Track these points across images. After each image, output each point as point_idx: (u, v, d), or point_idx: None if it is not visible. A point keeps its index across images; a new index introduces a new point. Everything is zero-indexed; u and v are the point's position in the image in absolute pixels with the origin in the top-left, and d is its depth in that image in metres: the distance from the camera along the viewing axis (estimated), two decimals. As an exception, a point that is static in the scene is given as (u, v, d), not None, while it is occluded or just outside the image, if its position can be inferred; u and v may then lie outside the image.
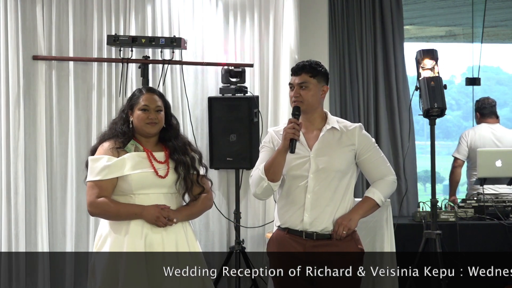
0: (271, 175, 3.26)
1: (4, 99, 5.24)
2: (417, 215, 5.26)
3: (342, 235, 3.30)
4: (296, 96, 3.33)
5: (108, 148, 3.33)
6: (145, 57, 5.37)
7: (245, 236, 5.53)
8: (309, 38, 6.09)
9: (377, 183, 3.45)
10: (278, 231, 3.41)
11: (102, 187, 3.29)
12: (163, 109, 3.38)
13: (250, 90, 5.52)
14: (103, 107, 5.44)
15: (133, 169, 3.28)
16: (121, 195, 3.32)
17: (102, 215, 3.35)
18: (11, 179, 5.23)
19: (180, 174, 3.33)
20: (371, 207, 3.43)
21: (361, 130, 3.46)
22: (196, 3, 5.67)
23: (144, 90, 3.43)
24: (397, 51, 6.51)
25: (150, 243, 3.25)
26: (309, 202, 3.30)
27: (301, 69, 3.36)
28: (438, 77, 4.84)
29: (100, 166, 3.29)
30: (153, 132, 3.36)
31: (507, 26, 8.71)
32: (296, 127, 3.23)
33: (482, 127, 6.12)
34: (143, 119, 3.34)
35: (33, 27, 5.32)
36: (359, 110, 6.45)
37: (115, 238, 3.27)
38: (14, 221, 5.23)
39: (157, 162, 3.33)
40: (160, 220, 3.24)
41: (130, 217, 3.25)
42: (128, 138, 3.36)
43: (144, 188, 3.29)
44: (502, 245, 5.15)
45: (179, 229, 3.33)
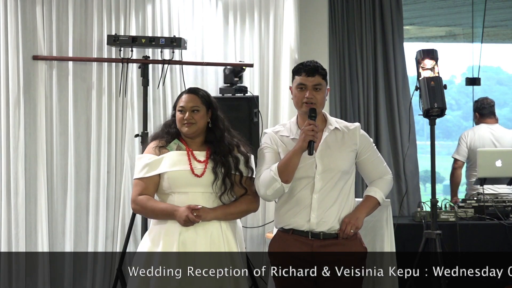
0: (285, 176, 3.25)
1: (4, 99, 5.24)
2: (417, 215, 5.26)
3: (350, 233, 3.31)
4: (311, 98, 3.32)
5: (152, 147, 3.41)
6: (145, 57, 5.37)
7: (245, 236, 5.53)
8: (309, 38, 6.09)
9: (377, 182, 3.47)
10: (280, 232, 3.40)
11: (144, 185, 3.34)
12: (202, 109, 3.39)
13: (250, 90, 5.52)
14: (103, 107, 5.44)
15: (170, 167, 3.33)
16: (163, 193, 3.37)
17: (140, 212, 3.45)
18: (11, 179, 5.23)
19: (219, 175, 3.33)
20: (374, 206, 3.46)
21: (360, 130, 3.47)
22: (196, 3, 5.68)
23: (186, 91, 3.47)
24: (397, 51, 6.51)
25: (183, 241, 3.27)
26: (315, 202, 3.30)
27: (315, 71, 3.33)
28: (438, 77, 4.83)
29: (142, 164, 3.37)
30: (190, 133, 3.38)
31: (507, 26, 8.70)
32: (315, 129, 3.22)
33: (481, 127, 6.11)
34: (180, 120, 3.39)
35: (33, 27, 5.32)
36: (359, 110, 6.45)
37: (154, 235, 3.32)
38: (14, 221, 5.23)
39: (195, 161, 3.35)
40: (189, 222, 3.24)
41: (164, 216, 3.29)
42: (173, 137, 3.41)
43: (181, 186, 3.32)
44: (502, 245, 5.15)
45: (216, 228, 3.32)
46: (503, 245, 5.15)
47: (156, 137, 3.46)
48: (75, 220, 5.38)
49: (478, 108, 6.21)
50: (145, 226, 4.84)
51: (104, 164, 5.44)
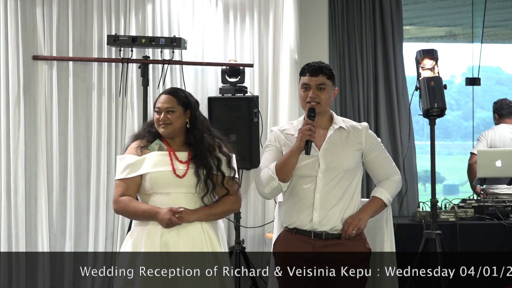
0: (282, 175, 3.27)
1: (4, 99, 5.24)
2: (417, 215, 5.26)
3: (352, 234, 3.31)
4: (314, 97, 3.32)
5: (133, 147, 3.40)
6: (145, 57, 5.37)
7: (245, 236, 5.53)
8: (309, 38, 6.09)
9: (384, 182, 3.46)
10: (285, 232, 3.41)
11: (126, 186, 3.33)
12: (178, 110, 3.38)
13: (250, 90, 5.52)
14: (103, 107, 5.44)
15: (152, 167, 3.32)
16: (145, 194, 3.36)
17: (122, 213, 3.44)
18: (11, 179, 5.23)
19: (201, 177, 3.33)
20: (379, 207, 3.45)
21: (368, 129, 3.46)
22: (196, 3, 5.68)
23: (164, 91, 3.46)
24: (397, 51, 6.52)
25: (166, 242, 3.27)
26: (318, 202, 3.30)
27: (319, 70, 3.34)
28: (438, 77, 4.83)
29: (124, 165, 3.35)
30: (165, 133, 3.38)
31: (507, 26, 8.71)
32: (312, 128, 3.23)
33: (501, 127, 6.13)
34: (156, 121, 3.39)
35: (33, 27, 5.32)
36: (359, 110, 6.46)
37: (135, 237, 3.32)
38: (14, 221, 5.23)
39: (177, 162, 3.35)
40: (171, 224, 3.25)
41: (146, 218, 3.29)
42: (154, 137, 3.40)
43: (163, 187, 3.31)
44: (502, 245, 5.15)
45: (197, 229, 3.32)
46: (503, 245, 5.14)
47: (137, 137, 3.44)
48: (75, 220, 5.38)
49: (497, 109, 6.24)
50: (145, 226, 4.84)
51: (104, 164, 5.44)
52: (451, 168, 15.58)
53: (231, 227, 5.58)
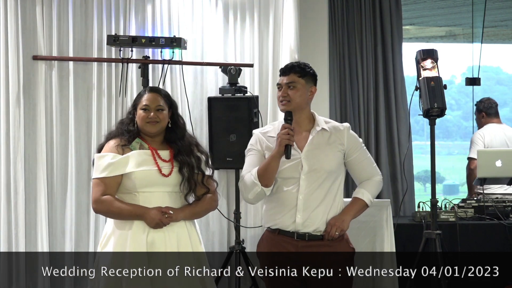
0: (265, 180, 3.27)
1: (4, 99, 5.24)
2: (417, 215, 5.26)
3: (335, 236, 3.32)
4: (284, 96, 3.35)
5: (113, 145, 3.35)
6: (145, 57, 5.37)
7: (245, 236, 5.53)
8: (309, 38, 6.09)
9: (365, 183, 3.47)
10: (268, 232, 3.42)
11: (107, 185, 3.29)
12: (165, 108, 3.38)
13: (250, 90, 5.52)
14: (103, 107, 5.44)
15: (137, 166, 3.30)
16: (126, 193, 3.33)
17: (105, 213, 3.38)
18: (11, 179, 5.23)
19: (184, 175, 3.33)
20: (361, 208, 3.46)
21: (349, 130, 3.47)
22: (196, 3, 5.67)
23: (147, 90, 3.45)
24: (396, 52, 6.53)
25: (152, 241, 3.25)
26: (301, 203, 3.31)
27: (289, 69, 3.37)
28: (438, 77, 4.83)
29: (105, 163, 3.31)
30: (154, 131, 3.37)
31: (507, 26, 8.71)
32: (290, 132, 3.25)
33: (493, 127, 6.12)
34: (143, 118, 3.36)
35: (33, 27, 5.31)
36: (359, 110, 6.46)
37: (118, 236, 3.28)
38: (14, 221, 5.22)
39: (161, 161, 3.34)
40: (160, 225, 3.25)
41: (132, 217, 3.26)
42: (133, 136, 3.38)
43: (147, 186, 3.30)
44: (502, 245, 5.15)
45: (182, 228, 3.33)
46: (503, 245, 5.15)
47: (113, 136, 3.40)
48: (75, 220, 5.37)
49: (485, 108, 6.20)
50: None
51: (104, 164, 5.43)
52: (451, 168, 15.59)
53: (231, 227, 5.58)
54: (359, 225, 4.76)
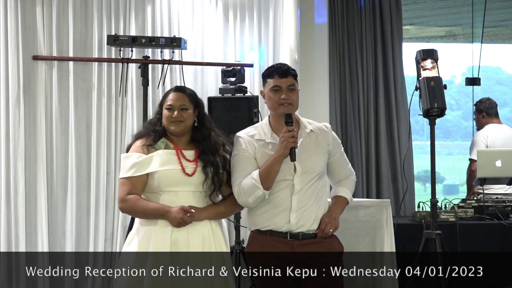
0: (267, 183, 3.27)
1: (4, 99, 5.24)
2: (417, 215, 5.26)
3: (329, 233, 3.34)
4: (287, 99, 3.33)
5: (139, 145, 3.37)
6: (145, 57, 5.37)
7: (245, 236, 5.52)
8: (309, 38, 6.09)
9: (344, 182, 3.52)
10: (256, 234, 3.39)
11: (133, 184, 3.31)
12: (190, 107, 3.38)
13: (250, 90, 5.52)
14: (103, 107, 5.44)
15: (160, 166, 3.31)
16: (151, 193, 3.34)
17: (130, 212, 3.41)
18: (11, 179, 5.23)
19: (208, 174, 3.32)
20: (345, 206, 3.51)
21: (331, 131, 3.49)
22: (196, 3, 5.68)
23: (172, 89, 3.45)
24: (396, 52, 6.53)
25: (176, 240, 3.26)
26: (295, 204, 3.32)
27: (287, 72, 3.36)
28: (438, 77, 4.83)
29: (130, 163, 3.33)
30: (178, 131, 3.37)
31: (507, 26, 8.71)
32: (295, 135, 3.25)
33: (494, 127, 6.10)
34: (168, 118, 3.36)
35: (33, 27, 5.32)
36: (359, 110, 6.46)
37: (142, 235, 3.30)
38: (14, 221, 5.23)
39: (185, 160, 3.34)
40: (182, 224, 3.25)
41: (156, 216, 3.27)
42: (159, 136, 3.38)
43: (171, 185, 3.30)
44: (502, 245, 5.15)
45: (206, 227, 3.32)
46: (503, 245, 5.14)
47: (141, 136, 3.42)
48: (76, 220, 5.38)
49: (486, 108, 6.18)
50: (145, 226, 4.84)
51: (104, 165, 5.44)
52: (451, 168, 15.60)
53: (231, 227, 5.58)
54: (359, 225, 4.76)
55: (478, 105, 6.30)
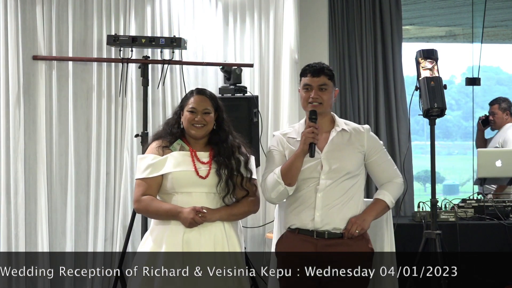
0: (288, 179, 3.29)
1: (4, 99, 5.24)
2: (417, 215, 5.26)
3: (355, 234, 3.33)
4: (316, 98, 3.34)
5: (155, 147, 3.40)
6: (145, 57, 5.37)
7: (245, 236, 5.53)
8: (309, 38, 6.10)
9: (387, 185, 3.49)
10: (288, 232, 3.43)
11: (148, 185, 3.34)
12: (212, 111, 3.40)
13: (250, 90, 5.52)
14: (103, 107, 5.44)
15: (174, 167, 3.33)
16: (166, 194, 3.37)
17: (144, 213, 3.45)
18: (11, 179, 5.23)
19: (222, 176, 3.34)
20: (383, 209, 3.48)
21: (369, 132, 3.49)
22: (196, 3, 5.68)
23: (195, 91, 3.46)
24: (396, 52, 6.53)
25: (188, 241, 3.27)
26: (319, 201, 3.32)
27: (320, 71, 3.37)
28: (438, 77, 4.82)
29: (145, 165, 3.36)
30: (199, 135, 3.38)
31: (507, 26, 8.71)
32: (315, 131, 3.26)
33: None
34: (189, 121, 3.38)
35: (33, 27, 5.31)
36: (359, 110, 6.46)
37: (156, 235, 3.32)
38: (14, 221, 5.23)
39: (199, 162, 3.36)
40: (194, 224, 3.26)
41: (169, 217, 3.30)
42: (176, 137, 3.40)
43: (185, 186, 3.32)
44: (502, 245, 5.15)
45: (219, 228, 3.33)
46: (503, 245, 5.14)
47: (158, 137, 3.45)
48: (75, 220, 5.38)
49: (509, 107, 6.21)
50: (145, 227, 4.84)
51: (103, 165, 5.44)
52: (451, 168, 15.60)
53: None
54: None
55: (500, 103, 6.27)
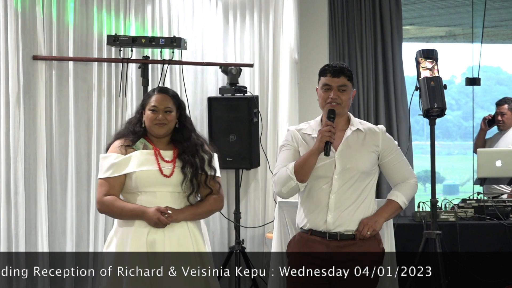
0: (301, 175, 3.28)
1: (4, 99, 5.23)
2: (417, 215, 5.26)
3: (366, 235, 3.33)
4: (335, 98, 3.34)
5: (117, 146, 3.38)
6: (145, 57, 5.37)
7: (245, 236, 5.53)
8: (309, 38, 6.09)
9: (400, 186, 3.48)
10: (301, 233, 3.43)
11: (110, 185, 3.32)
12: (173, 110, 3.39)
13: (250, 90, 5.52)
14: (103, 107, 5.44)
15: (138, 166, 3.31)
16: (129, 193, 3.35)
17: (108, 213, 3.43)
18: (11, 179, 5.22)
19: (187, 175, 3.33)
20: (395, 210, 3.47)
21: (385, 132, 3.48)
22: (196, 3, 5.67)
23: (156, 90, 3.45)
24: (396, 52, 6.52)
25: (152, 241, 3.27)
26: (333, 203, 3.32)
27: (340, 72, 3.38)
28: (438, 77, 4.83)
29: (108, 164, 3.33)
30: (161, 133, 3.37)
31: (507, 26, 8.71)
32: (332, 130, 3.26)
33: None
34: (151, 120, 3.37)
35: (33, 27, 5.31)
36: (359, 110, 6.46)
37: (120, 236, 3.32)
38: (14, 221, 5.22)
39: (163, 161, 3.35)
40: (160, 224, 3.26)
41: (133, 217, 3.29)
42: (139, 136, 3.38)
43: (149, 186, 3.31)
44: (502, 245, 5.15)
45: (183, 229, 3.33)
46: (503, 245, 5.14)
47: (120, 136, 3.42)
48: (76, 220, 5.37)
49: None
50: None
51: (104, 164, 5.42)
52: (451, 168, 15.61)
53: (231, 227, 5.58)
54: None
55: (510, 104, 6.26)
